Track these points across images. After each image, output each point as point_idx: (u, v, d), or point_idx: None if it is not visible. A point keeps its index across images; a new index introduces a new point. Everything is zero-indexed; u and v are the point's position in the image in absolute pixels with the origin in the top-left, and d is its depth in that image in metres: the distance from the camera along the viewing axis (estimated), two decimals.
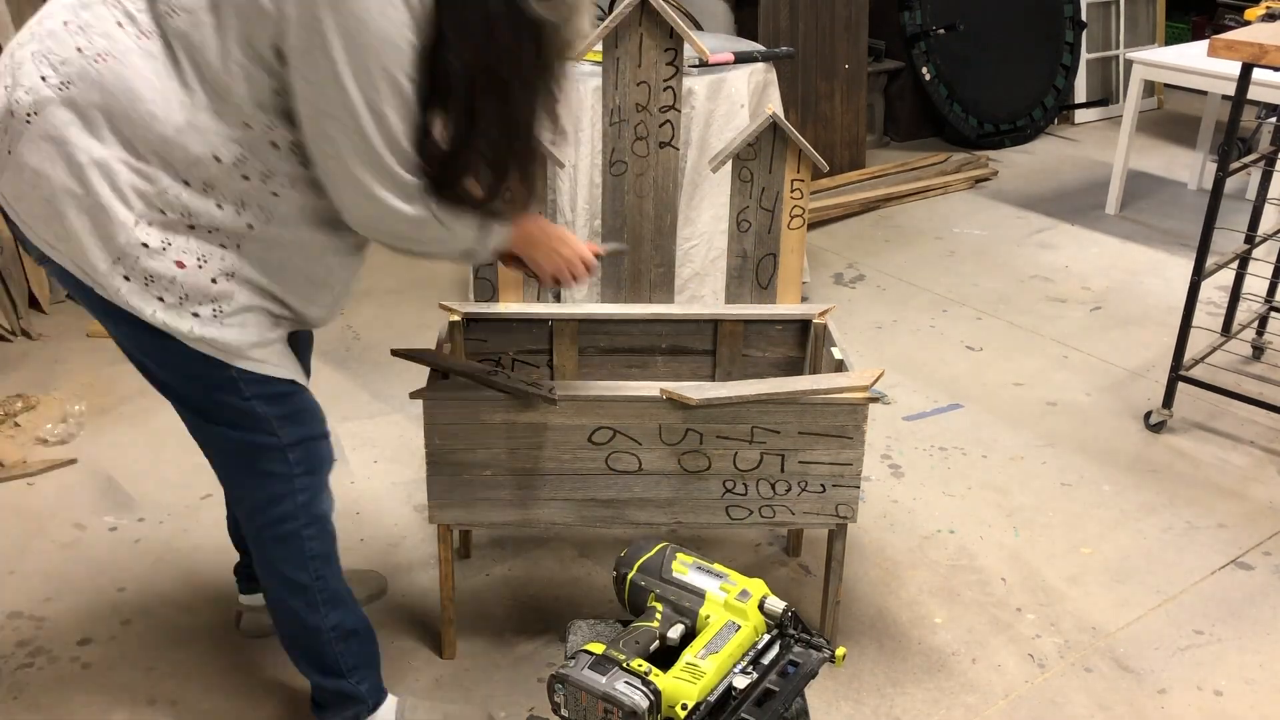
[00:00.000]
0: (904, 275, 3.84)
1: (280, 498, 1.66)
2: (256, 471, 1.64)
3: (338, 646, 1.78)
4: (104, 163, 1.39)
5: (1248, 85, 2.65)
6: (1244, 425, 2.93)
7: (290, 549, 1.69)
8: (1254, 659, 2.14)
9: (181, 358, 1.50)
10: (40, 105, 1.38)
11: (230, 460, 1.65)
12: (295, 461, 1.64)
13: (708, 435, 1.88)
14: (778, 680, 1.33)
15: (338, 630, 1.77)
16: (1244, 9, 4.36)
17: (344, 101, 1.37)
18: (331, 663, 1.78)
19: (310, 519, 1.70)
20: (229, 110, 1.41)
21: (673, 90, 2.02)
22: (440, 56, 1.40)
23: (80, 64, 1.38)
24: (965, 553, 2.43)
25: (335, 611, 1.76)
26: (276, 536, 1.69)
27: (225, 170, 1.43)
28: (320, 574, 1.73)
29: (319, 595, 1.73)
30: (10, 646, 2.11)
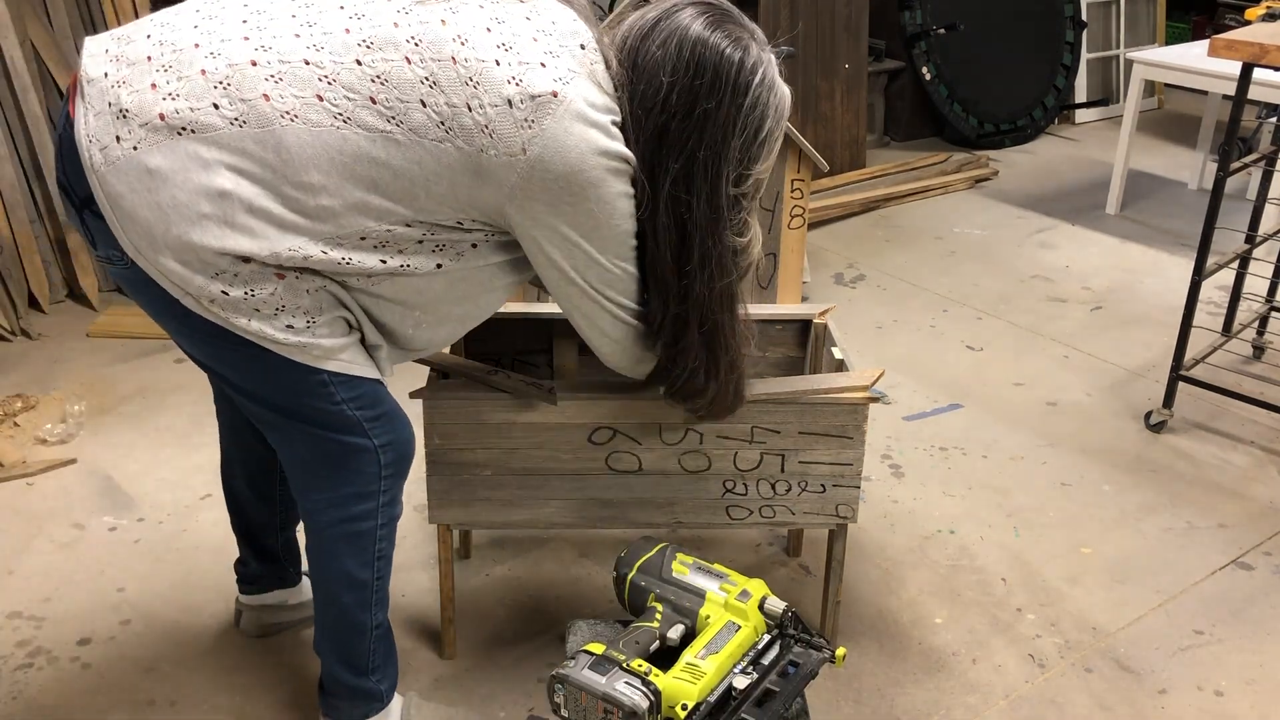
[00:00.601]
0: (904, 275, 3.84)
1: (364, 497, 1.65)
2: (345, 471, 1.62)
3: (377, 644, 1.79)
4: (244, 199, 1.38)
5: (1248, 85, 2.65)
6: (1244, 425, 2.93)
7: (360, 547, 1.69)
8: (1254, 659, 2.14)
9: (268, 365, 1.49)
10: (201, 127, 1.37)
11: (316, 458, 1.62)
12: (386, 463, 1.64)
13: (708, 435, 1.88)
14: (778, 680, 1.33)
15: (380, 629, 1.78)
16: (1244, 9, 4.36)
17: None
18: (364, 660, 1.79)
19: (387, 519, 1.70)
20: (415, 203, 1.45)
21: None
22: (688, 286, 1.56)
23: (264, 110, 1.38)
24: (965, 553, 2.43)
25: (382, 611, 1.77)
26: (350, 534, 1.68)
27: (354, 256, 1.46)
28: (381, 574, 1.74)
29: (375, 594, 1.74)
30: (10, 646, 2.11)
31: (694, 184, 1.50)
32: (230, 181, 1.37)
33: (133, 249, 1.40)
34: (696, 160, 1.49)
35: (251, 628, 2.13)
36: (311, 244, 1.42)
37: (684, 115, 1.47)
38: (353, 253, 1.45)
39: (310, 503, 1.67)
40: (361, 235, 1.44)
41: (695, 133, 1.48)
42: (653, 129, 1.48)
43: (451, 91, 1.39)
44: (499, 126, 1.40)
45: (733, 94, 1.48)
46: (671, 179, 1.49)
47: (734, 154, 1.51)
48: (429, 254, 1.50)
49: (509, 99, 1.39)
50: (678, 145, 1.48)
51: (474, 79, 1.39)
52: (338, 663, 1.80)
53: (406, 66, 1.40)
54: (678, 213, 1.51)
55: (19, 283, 3.33)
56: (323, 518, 1.68)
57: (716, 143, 1.49)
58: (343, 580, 1.72)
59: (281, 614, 2.13)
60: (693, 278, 1.55)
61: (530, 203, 1.44)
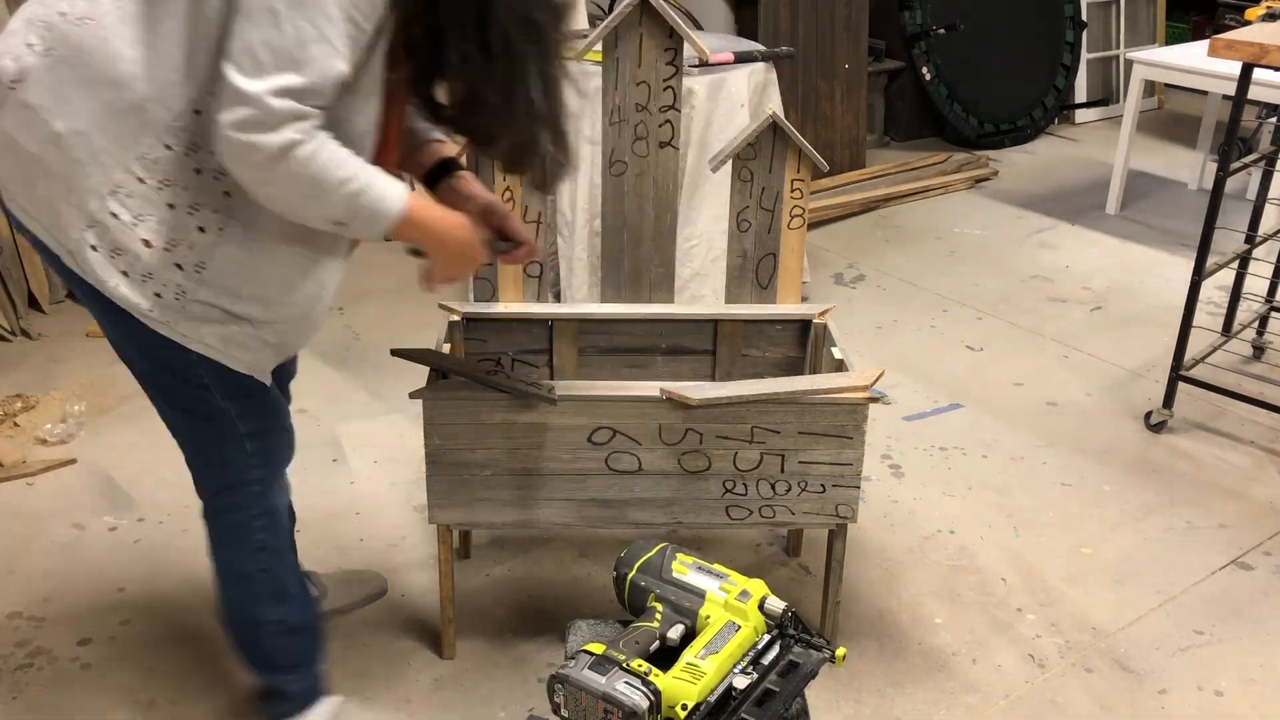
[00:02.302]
0: (904, 275, 3.84)
1: (234, 487, 1.65)
2: (213, 458, 1.63)
3: (278, 641, 1.77)
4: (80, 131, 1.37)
5: (1248, 85, 2.65)
6: (1244, 425, 2.93)
7: (238, 538, 1.69)
8: (1254, 659, 2.14)
9: (144, 337, 1.48)
10: (24, 73, 1.38)
11: (189, 445, 1.64)
12: (252, 452, 1.63)
13: (708, 435, 1.88)
14: (778, 680, 1.33)
15: (279, 625, 1.76)
16: (1244, 9, 4.36)
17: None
18: (268, 656, 1.78)
19: (261, 510, 1.69)
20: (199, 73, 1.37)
21: (673, 90, 2.02)
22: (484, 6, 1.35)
23: (63, 28, 1.37)
24: (965, 553, 2.43)
25: (279, 607, 1.75)
26: (228, 524, 1.69)
27: (206, 125, 1.37)
28: (266, 567, 1.72)
29: (264, 588, 1.73)
30: (10, 646, 2.11)
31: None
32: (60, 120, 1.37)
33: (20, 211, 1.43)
34: None
35: None
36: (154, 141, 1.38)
37: None
38: (194, 136, 1.39)
39: (198, 492, 1.69)
40: (194, 109, 1.37)
41: None
42: None
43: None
44: None
45: None
46: None
47: None
48: None
49: None
50: None
51: None
52: (242, 654, 1.80)
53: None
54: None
55: (19, 283, 3.33)
56: (206, 508, 1.70)
57: None
58: (227, 572, 1.72)
59: None
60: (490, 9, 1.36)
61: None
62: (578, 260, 3.02)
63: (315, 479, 2.63)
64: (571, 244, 3.01)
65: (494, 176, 2.00)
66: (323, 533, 2.43)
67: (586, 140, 2.93)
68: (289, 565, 1.78)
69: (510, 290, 2.12)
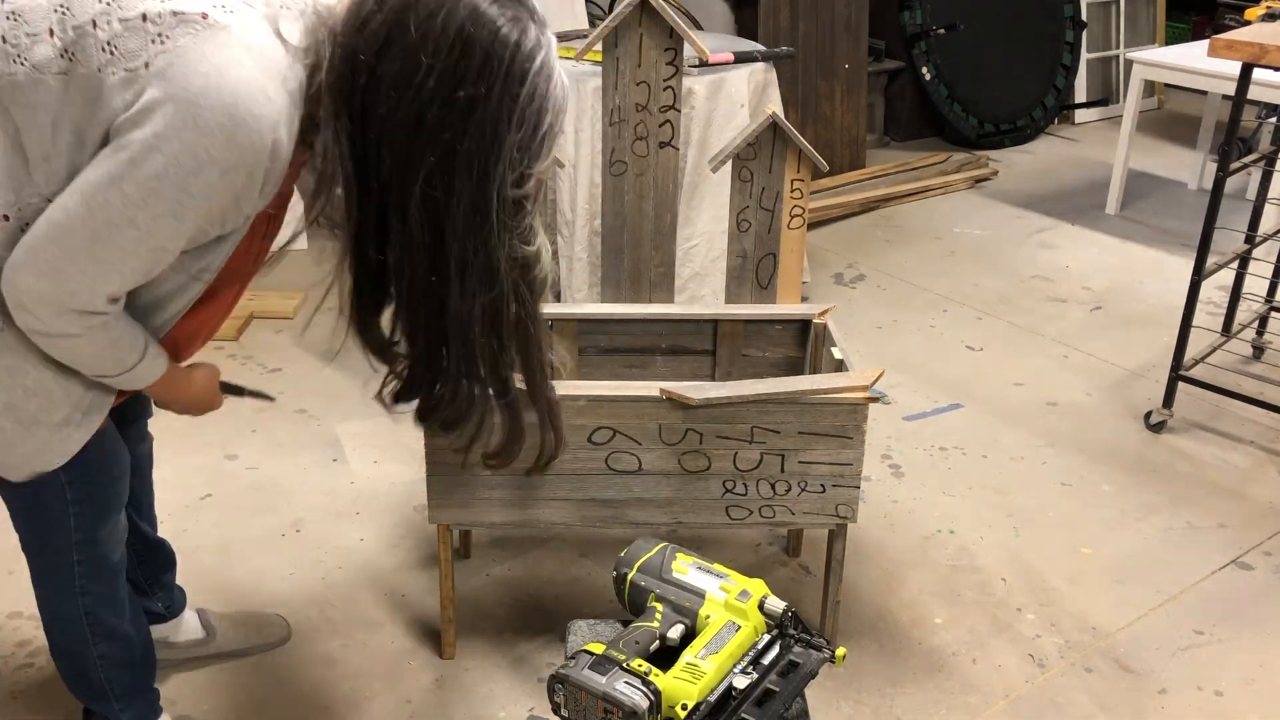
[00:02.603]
0: (904, 275, 3.84)
1: (52, 530, 1.57)
2: (33, 506, 1.54)
3: (107, 673, 1.72)
4: None
5: (1248, 85, 2.65)
6: (1244, 425, 2.93)
7: (59, 581, 1.63)
8: (1254, 659, 2.14)
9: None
10: None
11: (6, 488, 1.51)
12: (73, 500, 1.55)
13: (708, 435, 1.88)
14: (778, 680, 1.33)
15: (107, 660, 1.71)
16: (1244, 9, 4.36)
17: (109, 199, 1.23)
18: (98, 687, 1.73)
19: (84, 556, 1.61)
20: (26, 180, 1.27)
21: (673, 90, 2.02)
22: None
23: None
24: (965, 553, 2.43)
25: (105, 643, 1.69)
26: (49, 568, 1.62)
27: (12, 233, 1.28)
28: (91, 609, 1.66)
29: (89, 629, 1.67)
30: (10, 646, 2.11)
31: (454, 181, 1.26)
32: None
33: None
34: (457, 154, 1.25)
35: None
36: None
37: (444, 102, 1.23)
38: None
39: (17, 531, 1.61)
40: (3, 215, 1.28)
41: (457, 122, 1.23)
42: (407, 116, 1.23)
43: (80, 11, 1.22)
44: (125, 42, 1.20)
45: (505, 82, 1.23)
46: (426, 174, 1.25)
47: (510, 151, 1.27)
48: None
49: (144, 13, 1.21)
50: (434, 135, 1.24)
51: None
52: (73, 684, 1.75)
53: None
54: (432, 213, 1.28)
55: None
56: (24, 546, 1.62)
57: (484, 135, 1.25)
58: (51, 609, 1.67)
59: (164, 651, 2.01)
60: (448, 288, 1.32)
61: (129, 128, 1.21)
62: (578, 260, 3.02)
63: (315, 479, 2.63)
64: (571, 244, 3.01)
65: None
66: (323, 533, 2.43)
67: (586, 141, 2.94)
68: (118, 602, 1.70)
69: None
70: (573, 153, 2.93)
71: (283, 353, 3.20)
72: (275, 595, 2.25)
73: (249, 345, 3.24)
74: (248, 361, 3.15)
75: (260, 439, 2.78)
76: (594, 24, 4.18)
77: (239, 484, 2.61)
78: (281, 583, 2.29)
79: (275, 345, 3.24)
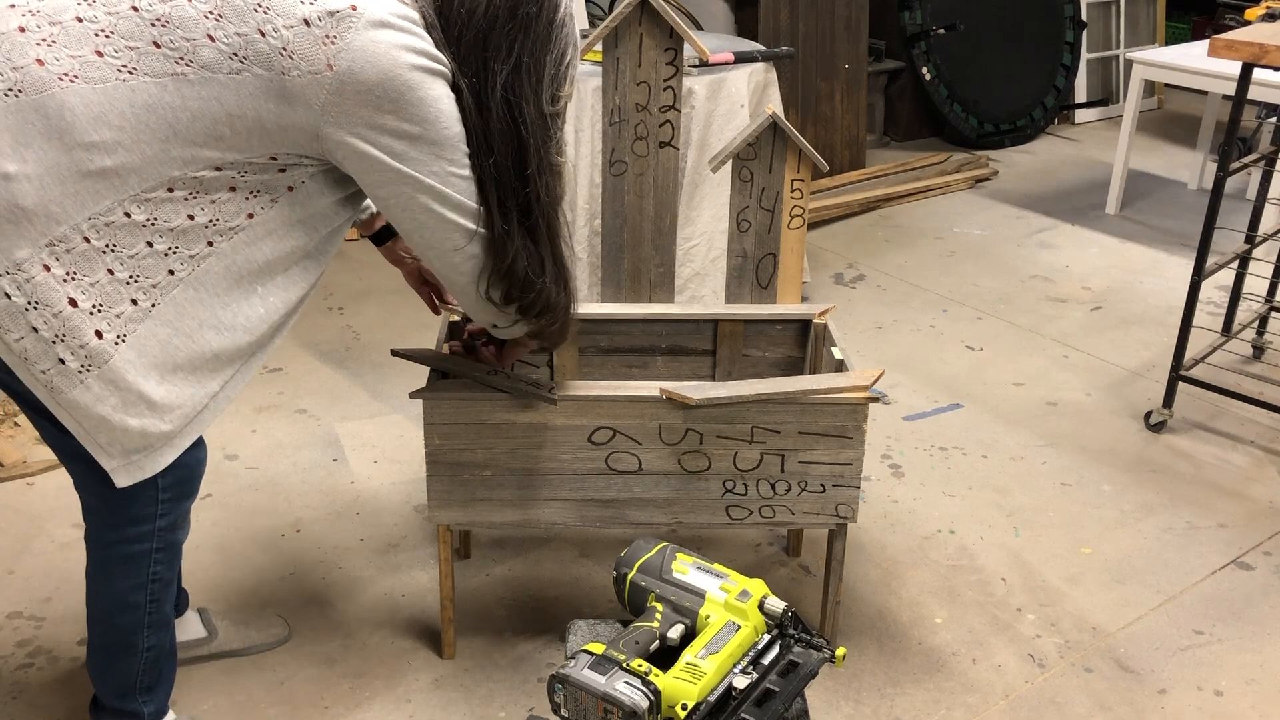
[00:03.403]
0: (904, 275, 3.84)
1: (140, 521, 1.61)
2: (122, 494, 1.56)
3: (145, 667, 1.75)
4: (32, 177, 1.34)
5: (1248, 85, 2.66)
6: (1244, 425, 2.93)
7: (134, 569, 1.65)
8: (1254, 659, 2.14)
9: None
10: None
11: (85, 476, 1.57)
12: (164, 487, 1.59)
13: (708, 435, 1.88)
14: (778, 680, 1.33)
15: (152, 652, 1.74)
16: (1244, 9, 4.36)
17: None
18: (131, 682, 1.75)
19: (164, 544, 1.65)
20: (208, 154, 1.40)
21: (673, 90, 2.02)
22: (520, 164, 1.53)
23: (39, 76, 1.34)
24: (965, 553, 2.43)
25: (157, 634, 1.73)
26: (124, 555, 1.64)
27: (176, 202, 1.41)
28: (156, 597, 1.69)
29: (148, 617, 1.70)
30: (10, 646, 2.11)
31: (522, 89, 1.49)
32: (13, 163, 1.33)
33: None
34: (523, 65, 1.48)
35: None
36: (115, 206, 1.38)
37: (507, 18, 1.46)
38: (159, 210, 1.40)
39: (89, 522, 1.64)
40: (168, 186, 1.40)
41: (520, 35, 1.47)
42: (476, 32, 1.46)
43: (240, 21, 1.37)
44: (298, 47, 1.37)
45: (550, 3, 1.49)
46: (503, 83, 1.47)
47: (549, 68, 1.51)
48: (241, 200, 1.45)
49: (305, 18, 1.37)
50: (504, 49, 1.47)
51: (262, 4, 1.37)
52: (106, 679, 1.76)
53: (187, 4, 1.37)
54: (513, 116, 1.49)
55: None
56: (95, 536, 1.64)
57: (537, 50, 1.49)
58: (114, 601, 1.68)
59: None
60: (534, 184, 1.53)
61: (348, 119, 1.41)
62: (577, 260, 3.02)
63: (315, 479, 2.63)
64: (571, 244, 3.01)
65: None
66: (323, 533, 2.44)
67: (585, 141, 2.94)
68: (172, 591, 1.74)
69: None
70: (573, 153, 2.93)
71: (283, 353, 3.20)
72: (275, 595, 2.25)
73: None
74: None
75: (260, 439, 2.78)
76: (594, 24, 4.18)
77: (239, 484, 2.61)
78: (281, 583, 2.29)
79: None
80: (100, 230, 1.38)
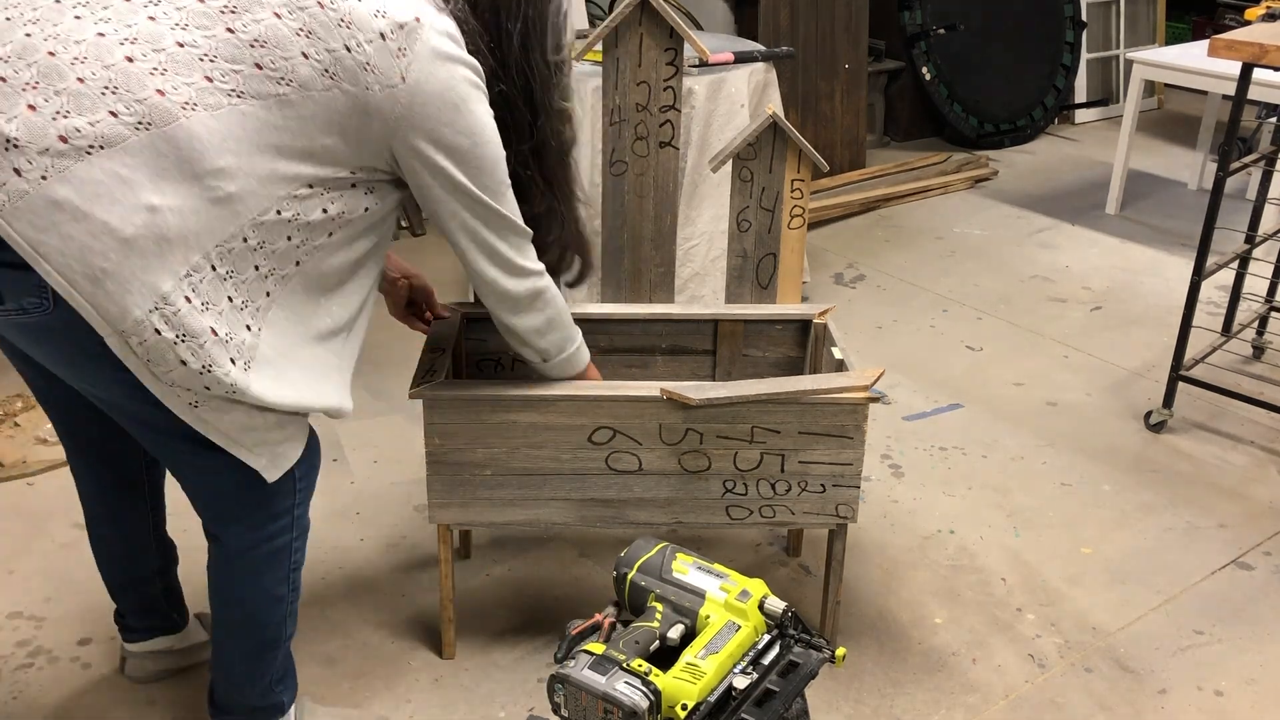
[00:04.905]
0: (904, 275, 3.84)
1: (280, 514, 1.63)
2: (262, 494, 1.58)
3: (287, 654, 1.77)
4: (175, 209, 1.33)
5: (1248, 85, 2.65)
6: (1244, 425, 2.93)
7: (277, 563, 1.67)
8: (1255, 659, 2.14)
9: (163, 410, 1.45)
10: (107, 140, 1.29)
11: (230, 486, 1.57)
12: (300, 476, 1.62)
13: (708, 435, 1.88)
14: (778, 680, 1.33)
15: (289, 639, 1.76)
16: (1244, 9, 4.36)
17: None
18: (270, 674, 1.75)
19: (300, 531, 1.68)
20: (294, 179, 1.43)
21: (673, 90, 2.02)
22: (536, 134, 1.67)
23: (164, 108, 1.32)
24: (965, 553, 2.43)
25: (293, 623, 1.75)
26: (269, 552, 1.65)
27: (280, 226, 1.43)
28: (296, 584, 1.72)
29: (291, 605, 1.72)
30: (10, 646, 2.11)
31: (529, 43, 1.61)
32: (155, 194, 1.31)
33: (64, 288, 1.29)
34: (529, 20, 1.60)
35: (138, 673, 2.02)
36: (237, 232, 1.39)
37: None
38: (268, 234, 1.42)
39: (227, 531, 1.64)
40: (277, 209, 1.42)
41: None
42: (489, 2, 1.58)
43: (329, 37, 1.39)
44: (378, 61, 1.41)
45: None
46: (515, 43, 1.60)
47: (550, 19, 1.63)
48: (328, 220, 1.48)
49: (381, 32, 1.41)
50: (513, 10, 1.59)
51: (345, 19, 1.40)
52: (253, 685, 1.75)
53: (278, 22, 1.38)
54: (523, 71, 1.61)
55: None
56: (239, 543, 1.64)
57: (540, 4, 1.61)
58: (263, 599, 1.69)
59: (169, 660, 2.03)
60: (544, 131, 1.66)
61: (414, 131, 1.47)
62: None
63: None
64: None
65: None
66: (323, 533, 2.43)
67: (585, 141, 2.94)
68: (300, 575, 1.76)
69: None
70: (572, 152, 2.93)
71: None
72: None
73: None
74: None
75: None
76: (594, 24, 4.18)
77: None
78: None
79: None
80: (224, 257, 1.39)
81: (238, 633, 1.72)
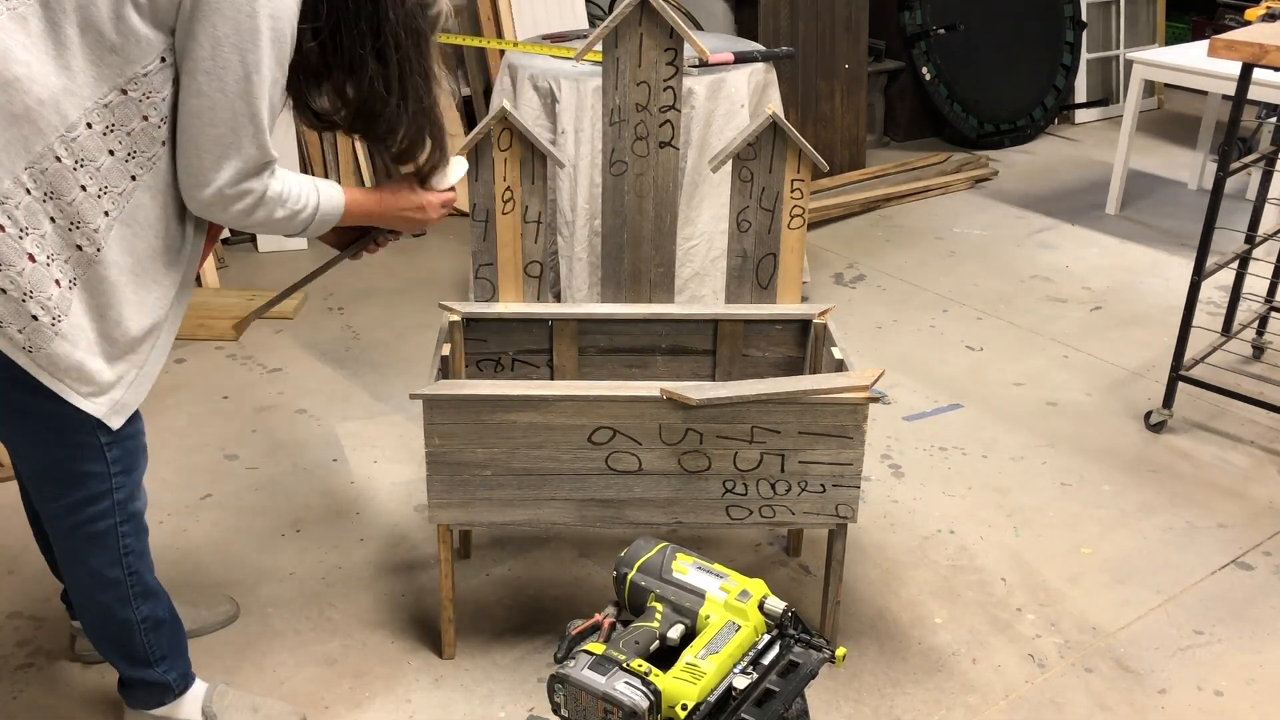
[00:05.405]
0: (904, 275, 3.84)
1: (98, 496, 1.64)
2: (74, 471, 1.60)
3: (148, 637, 1.78)
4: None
5: (1248, 85, 2.65)
6: (1244, 425, 2.93)
7: (104, 546, 1.68)
8: (1254, 659, 2.14)
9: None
10: None
11: (44, 459, 1.60)
12: (114, 460, 1.62)
13: (708, 435, 1.88)
14: (778, 680, 1.33)
15: (148, 622, 1.77)
16: (1244, 9, 4.36)
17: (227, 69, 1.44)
18: (141, 653, 1.78)
19: (125, 516, 1.68)
20: (107, 73, 1.40)
21: (673, 90, 2.02)
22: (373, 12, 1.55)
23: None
24: (965, 553, 2.43)
25: (146, 604, 1.76)
26: (91, 534, 1.67)
27: (95, 139, 1.41)
28: (133, 569, 1.72)
29: (130, 590, 1.73)
30: (10, 646, 2.11)
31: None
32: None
33: None
34: None
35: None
36: (46, 151, 1.38)
37: None
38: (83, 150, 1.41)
39: (48, 510, 1.66)
40: (86, 122, 1.40)
41: None
42: None
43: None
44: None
45: None
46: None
47: None
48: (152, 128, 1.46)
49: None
50: None
51: None
52: (115, 656, 1.80)
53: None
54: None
55: None
56: (63, 522, 1.66)
57: None
58: (94, 581, 1.71)
59: None
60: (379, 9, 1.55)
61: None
62: (578, 260, 3.02)
63: (315, 479, 2.63)
64: (571, 244, 3.01)
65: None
66: (323, 532, 2.44)
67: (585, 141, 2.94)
68: (149, 559, 1.77)
69: (510, 290, 2.12)
70: (573, 153, 2.93)
71: (283, 353, 3.20)
72: (275, 595, 2.25)
73: (249, 345, 3.24)
74: (248, 361, 3.15)
75: (260, 439, 2.78)
76: (594, 24, 4.18)
77: (239, 484, 2.61)
78: (281, 583, 2.29)
79: (275, 345, 3.24)
80: (38, 179, 1.39)
81: (86, 611, 1.77)
